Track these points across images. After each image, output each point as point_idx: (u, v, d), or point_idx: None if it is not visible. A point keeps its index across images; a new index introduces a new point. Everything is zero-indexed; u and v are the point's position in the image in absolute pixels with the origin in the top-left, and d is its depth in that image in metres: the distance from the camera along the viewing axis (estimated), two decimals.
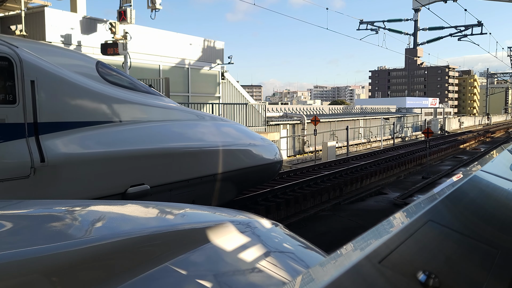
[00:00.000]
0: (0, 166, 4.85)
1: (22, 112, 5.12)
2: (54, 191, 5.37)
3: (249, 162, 8.39)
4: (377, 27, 49.10)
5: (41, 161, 5.12)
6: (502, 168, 2.27)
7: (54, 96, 5.51)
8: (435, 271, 0.88)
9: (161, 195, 6.65)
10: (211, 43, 25.24)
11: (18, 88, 5.06)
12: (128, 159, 6.20)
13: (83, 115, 5.86)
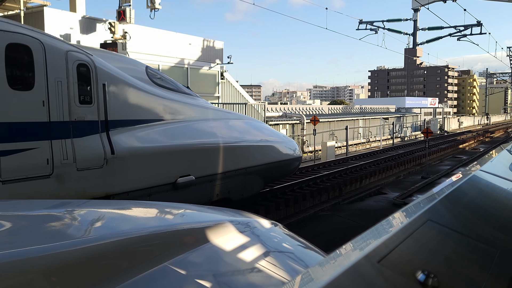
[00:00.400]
0: (81, 157, 5.78)
1: (96, 111, 6.09)
2: (121, 180, 6.33)
3: (274, 157, 9.31)
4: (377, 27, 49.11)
5: (111, 153, 6.08)
6: (501, 168, 2.27)
7: (119, 97, 6.45)
8: (434, 270, 0.88)
9: (203, 185, 7.65)
10: (211, 43, 25.23)
11: (93, 90, 6.05)
12: (178, 153, 7.14)
13: (140, 114, 6.82)
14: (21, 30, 5.39)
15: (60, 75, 5.69)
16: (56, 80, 5.65)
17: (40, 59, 5.48)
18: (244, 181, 8.75)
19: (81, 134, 5.89)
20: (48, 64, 5.54)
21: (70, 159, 5.71)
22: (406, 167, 19.03)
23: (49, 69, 5.57)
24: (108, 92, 6.22)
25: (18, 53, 5.33)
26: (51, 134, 5.55)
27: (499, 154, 3.01)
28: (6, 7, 17.04)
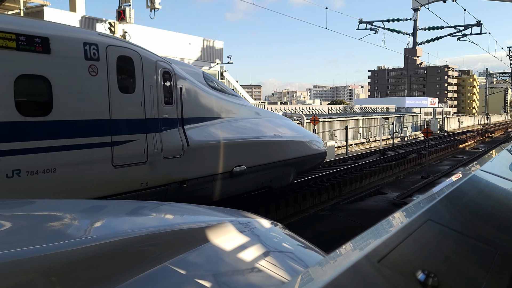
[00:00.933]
0: (166, 148, 7.04)
1: (176, 110, 7.36)
2: (193, 167, 7.56)
3: (306, 151, 10.61)
4: (377, 26, 49.13)
5: (187, 145, 7.36)
6: (501, 168, 2.27)
7: (190, 98, 7.71)
8: (434, 270, 0.88)
9: (252, 175, 8.98)
10: (211, 43, 25.24)
11: (174, 93, 7.34)
12: (234, 146, 8.45)
13: (204, 113, 8.08)
14: (126, 44, 6.73)
15: (152, 81, 6.97)
16: (149, 85, 6.93)
17: (139, 68, 6.79)
18: (282, 172, 10.04)
19: (166, 129, 7.16)
20: (144, 72, 6.84)
21: (159, 150, 6.95)
22: (406, 167, 19.04)
23: (145, 76, 6.85)
24: (183, 94, 7.53)
25: (125, 63, 6.57)
26: (146, 129, 6.82)
27: (499, 154, 3.01)
28: (6, 7, 17.03)
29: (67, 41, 5.89)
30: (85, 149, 5.95)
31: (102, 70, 6.22)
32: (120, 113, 6.41)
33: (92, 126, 6.10)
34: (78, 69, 5.95)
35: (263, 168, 9.26)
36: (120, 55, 6.47)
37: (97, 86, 6.17)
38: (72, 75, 5.89)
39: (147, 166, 6.76)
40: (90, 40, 6.17)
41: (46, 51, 5.60)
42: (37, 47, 5.53)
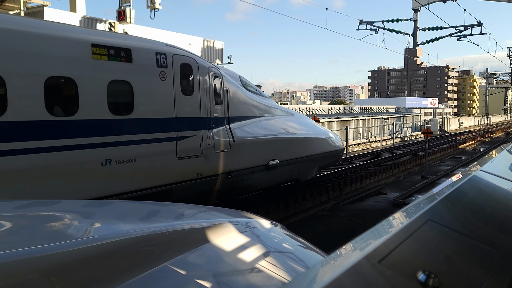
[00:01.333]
0: (217, 143, 8.03)
1: (223, 109, 8.41)
2: (237, 160, 8.60)
3: (328, 148, 11.67)
4: (377, 27, 49.13)
5: (233, 141, 8.40)
6: (502, 168, 2.27)
7: (233, 99, 8.77)
8: (435, 270, 0.88)
9: (284, 168, 9.96)
10: (211, 43, 25.26)
11: (222, 95, 8.40)
12: (269, 142, 9.52)
13: (244, 112, 9.14)
14: (186, 53, 7.82)
15: (206, 84, 8.01)
16: (204, 87, 7.97)
17: (196, 74, 7.85)
18: (308, 166, 11.07)
19: (216, 126, 8.15)
20: (200, 77, 7.90)
21: (211, 144, 7.96)
22: (406, 167, 19.04)
23: (200, 80, 7.90)
24: (229, 96, 8.60)
25: (186, 69, 7.64)
26: (202, 126, 7.81)
27: (499, 155, 3.01)
28: (6, 7, 17.04)
29: (144, 51, 6.97)
30: (157, 143, 7.04)
31: (169, 76, 7.30)
32: (183, 112, 7.49)
33: (162, 124, 7.18)
34: (152, 75, 7.04)
35: (292, 162, 10.29)
36: (182, 62, 7.61)
37: (166, 89, 7.24)
38: (147, 80, 6.95)
39: (202, 158, 7.82)
40: (160, 50, 7.24)
41: (129, 60, 6.68)
42: (122, 58, 6.61)
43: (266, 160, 9.39)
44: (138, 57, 6.80)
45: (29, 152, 5.43)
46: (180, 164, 7.34)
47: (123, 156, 6.43)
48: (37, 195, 5.46)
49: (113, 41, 6.56)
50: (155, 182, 7.01)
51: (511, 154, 3.15)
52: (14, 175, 5.29)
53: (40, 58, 5.65)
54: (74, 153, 5.86)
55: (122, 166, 6.42)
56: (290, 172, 10.47)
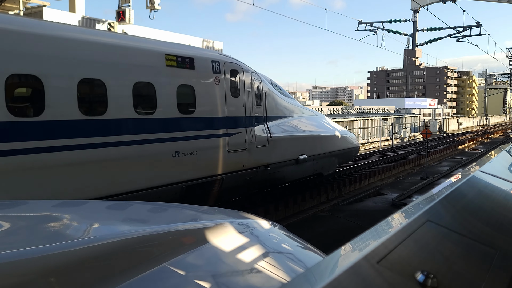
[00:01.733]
0: (258, 139, 9.26)
1: (262, 110, 9.66)
2: (273, 154, 9.77)
3: (346, 145, 13.01)
4: (376, 27, 49.11)
5: (270, 137, 9.63)
6: (501, 169, 2.28)
7: (270, 100, 10.03)
8: (433, 271, 0.88)
9: (310, 162, 11.21)
10: (210, 44, 25.26)
11: (261, 97, 9.65)
12: (298, 139, 10.77)
13: (277, 112, 10.36)
14: (234, 60, 9.03)
15: (249, 87, 9.25)
16: (248, 90, 9.20)
17: (242, 78, 9.08)
18: (330, 161, 12.43)
19: (257, 124, 9.36)
20: (245, 81, 9.13)
21: (253, 140, 9.17)
22: (405, 168, 19.04)
23: (245, 84, 9.14)
24: (266, 97, 9.88)
25: (234, 75, 8.81)
26: (246, 124, 9.00)
27: (498, 155, 3.01)
28: (6, 7, 17.02)
29: (203, 59, 8.16)
30: (213, 138, 8.18)
31: (222, 80, 8.47)
32: (232, 112, 8.66)
33: (217, 122, 8.34)
34: (209, 80, 8.21)
35: (317, 157, 11.56)
36: (231, 68, 8.80)
37: (219, 92, 8.38)
38: (206, 84, 8.12)
39: (246, 152, 9.00)
40: (215, 58, 8.46)
41: (192, 67, 7.87)
42: (187, 65, 7.78)
43: (296, 155, 10.62)
44: (199, 64, 8.02)
45: (125, 144, 6.66)
46: (229, 157, 8.57)
47: (187, 149, 7.62)
48: (132, 178, 6.81)
49: (180, 51, 7.78)
50: (210, 172, 8.20)
51: (510, 154, 3.15)
52: (124, 161, 6.63)
53: (130, 67, 6.85)
54: (155, 145, 7.08)
55: (187, 157, 7.61)
56: (315, 166, 11.74)
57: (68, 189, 5.95)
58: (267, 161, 9.63)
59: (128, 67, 6.79)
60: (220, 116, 8.41)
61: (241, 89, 9.02)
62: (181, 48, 8.09)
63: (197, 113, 7.88)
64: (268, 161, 9.65)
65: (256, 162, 9.32)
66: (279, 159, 10.00)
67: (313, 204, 11.88)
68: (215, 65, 8.37)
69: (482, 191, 1.67)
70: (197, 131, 7.85)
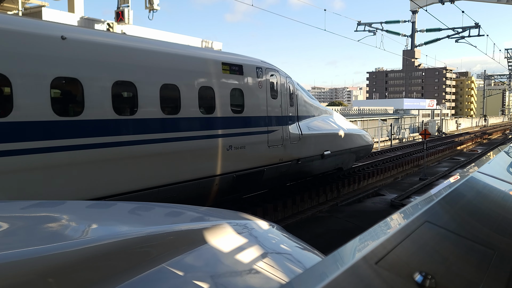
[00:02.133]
0: (291, 136, 10.54)
1: (295, 110, 10.94)
2: (304, 150, 11.03)
3: (362, 142, 14.30)
4: (375, 28, 49.14)
5: (301, 134, 10.93)
6: (499, 170, 2.28)
7: (300, 102, 11.26)
8: (432, 271, 0.88)
9: (333, 158, 12.54)
10: (209, 44, 25.25)
11: (293, 98, 10.93)
12: (323, 136, 12.04)
13: (306, 112, 11.65)
14: (273, 67, 10.39)
15: (284, 90, 10.58)
16: (284, 92, 10.53)
17: (279, 82, 10.42)
18: (349, 157, 13.81)
19: (290, 123, 10.65)
20: (281, 85, 10.47)
21: (288, 137, 10.45)
22: (404, 168, 19.05)
23: (281, 87, 10.48)
24: (298, 99, 11.18)
25: (273, 79, 10.22)
26: (282, 123, 10.30)
27: (497, 156, 3.01)
28: (4, 7, 16.99)
29: (250, 66, 9.48)
30: (257, 135, 9.50)
31: (263, 84, 9.83)
32: (271, 112, 10.00)
33: (260, 120, 9.65)
34: (254, 84, 9.55)
35: (339, 153, 12.84)
36: (271, 73, 10.16)
37: (262, 95, 9.73)
38: (252, 88, 9.44)
39: (282, 147, 10.27)
40: (258, 65, 9.80)
41: (241, 73, 9.15)
42: (237, 72, 9.05)
43: (322, 151, 11.93)
44: (247, 71, 9.33)
45: (194, 139, 7.97)
46: (269, 151, 9.88)
47: (238, 144, 8.91)
48: (198, 167, 8.10)
49: (232, 59, 9.08)
50: (255, 164, 9.49)
51: (508, 155, 3.16)
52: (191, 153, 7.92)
53: (197, 74, 8.16)
54: (214, 140, 8.40)
55: (237, 151, 8.91)
56: (336, 161, 13.14)
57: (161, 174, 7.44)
58: (299, 155, 10.92)
59: (195, 74, 8.10)
60: (262, 115, 9.75)
61: (278, 92, 10.33)
62: (232, 56, 9.32)
63: (245, 113, 9.23)
64: (299, 155, 10.94)
65: (290, 156, 10.60)
66: (308, 154, 11.29)
67: (312, 204, 11.88)
68: (258, 71, 9.74)
69: (480, 192, 1.67)
70: (245, 129, 9.22)
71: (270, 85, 10.02)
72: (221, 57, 8.89)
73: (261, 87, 9.72)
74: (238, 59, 9.27)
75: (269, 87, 9.98)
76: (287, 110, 10.56)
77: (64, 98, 6.47)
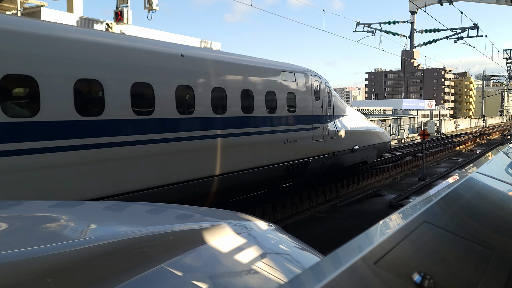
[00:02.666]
0: (330, 132, 12.52)
1: (332, 110, 12.91)
2: (338, 145, 12.95)
3: (382, 139, 16.34)
4: (374, 29, 49.12)
5: (337, 131, 12.94)
6: (498, 170, 2.28)
7: (335, 102, 13.23)
8: (430, 272, 0.88)
9: (360, 152, 14.59)
10: (208, 44, 25.25)
11: (330, 100, 12.94)
12: (353, 133, 14.01)
13: (339, 111, 13.56)
14: (315, 73, 12.42)
15: (324, 93, 12.59)
16: (324, 95, 12.51)
17: (320, 86, 12.44)
18: (372, 152, 15.92)
19: (329, 121, 12.68)
20: (321, 89, 12.49)
21: (327, 133, 12.47)
22: (403, 169, 19.06)
23: (322, 91, 12.48)
24: (334, 100, 13.24)
25: (316, 84, 12.24)
26: (323, 121, 12.30)
27: (495, 156, 3.02)
28: (3, 7, 16.97)
29: (300, 74, 11.66)
30: (305, 131, 11.57)
31: (309, 88, 11.92)
32: (315, 112, 12.05)
33: (307, 119, 11.66)
34: (303, 88, 11.67)
35: (365, 148, 14.89)
36: (314, 79, 12.23)
37: (308, 97, 11.81)
38: (302, 92, 11.55)
39: (323, 142, 12.32)
40: (305, 72, 11.94)
41: (293, 80, 11.30)
42: (291, 78, 11.19)
43: (352, 146, 13.95)
44: (297, 77, 11.49)
45: (259, 134, 9.85)
46: (313, 145, 11.90)
47: (292, 138, 10.93)
48: (269, 156, 10.22)
49: (287, 68, 11.21)
50: (303, 156, 11.47)
51: (507, 156, 3.16)
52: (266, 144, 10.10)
53: (265, 81, 10.22)
54: (277, 135, 10.50)
55: (291, 144, 10.89)
56: (363, 155, 15.17)
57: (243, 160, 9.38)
58: (335, 149, 12.93)
59: (265, 82, 10.21)
60: (309, 115, 11.76)
61: (320, 95, 12.37)
62: (286, 65, 11.45)
63: (297, 113, 11.26)
64: (335, 149, 12.95)
65: (328, 150, 12.60)
66: (342, 148, 13.34)
67: (310, 205, 11.88)
68: (305, 77, 11.86)
69: (479, 192, 1.67)
70: (297, 126, 11.25)
71: (314, 89, 12.13)
72: (280, 66, 11.05)
73: (308, 91, 11.81)
74: (291, 68, 11.40)
75: (313, 90, 12.07)
76: (326, 110, 12.60)
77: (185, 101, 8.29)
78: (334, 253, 0.93)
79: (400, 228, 1.04)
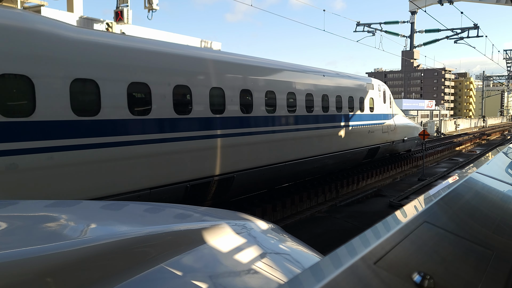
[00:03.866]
0: (391, 126, 18.27)
1: (391, 109, 18.42)
2: (395, 135, 18.40)
3: (415, 134, 20.26)
4: (374, 29, 49.10)
5: (394, 126, 18.50)
6: (498, 170, 2.28)
7: (392, 104, 18.88)
8: (430, 272, 0.88)
9: (406, 142, 19.87)
10: (208, 44, 25.25)
11: (391, 101, 18.50)
12: (403, 127, 19.43)
13: (394, 110, 18.71)
14: (381, 82, 17.79)
15: (387, 97, 17.98)
16: (386, 98, 17.89)
17: (385, 92, 17.76)
18: (413, 143, 20.93)
19: (390, 118, 17.83)
20: (386, 93, 17.81)
21: (389, 127, 17.59)
22: (403, 169, 19.06)
23: (386, 95, 17.89)
24: (391, 101, 18.19)
25: (382, 89, 17.49)
26: (387, 118, 17.67)
27: (495, 157, 3.02)
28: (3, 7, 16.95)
29: (375, 83, 16.80)
30: (378, 125, 16.53)
31: (380, 94, 16.94)
32: (383, 111, 17.04)
33: (380, 116, 16.68)
34: (377, 94, 16.66)
35: (410, 140, 20.01)
36: (383, 87, 17.22)
37: (379, 100, 16.84)
38: (376, 96, 16.66)
39: (387, 133, 17.25)
40: (377, 82, 16.98)
41: (372, 88, 16.37)
42: (372, 87, 16.42)
43: (403, 137, 19.05)
44: (374, 86, 16.47)
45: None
46: (382, 135, 16.86)
47: (372, 130, 16.02)
48: (358, 142, 15.11)
49: (368, 80, 16.57)
50: (378, 142, 16.51)
51: (507, 156, 3.16)
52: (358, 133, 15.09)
53: (349, 90, 14.59)
54: (367, 127, 15.69)
55: (371, 134, 15.96)
56: (408, 145, 20.33)
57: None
58: (393, 139, 17.95)
59: (359, 90, 15.24)
60: (380, 113, 16.68)
61: (385, 98, 17.41)
62: (367, 78, 16.69)
63: (375, 111, 16.29)
64: (393, 139, 18.00)
65: (390, 139, 17.64)
66: (397, 138, 18.32)
67: (310, 205, 11.88)
68: (377, 85, 16.80)
69: (479, 192, 1.67)
70: (375, 121, 16.21)
71: (383, 94, 17.20)
72: (364, 79, 16.25)
73: (380, 96, 16.83)
74: (369, 79, 16.74)
75: (382, 95, 17.10)
76: (388, 110, 17.62)
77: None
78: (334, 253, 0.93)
79: (400, 228, 1.04)
